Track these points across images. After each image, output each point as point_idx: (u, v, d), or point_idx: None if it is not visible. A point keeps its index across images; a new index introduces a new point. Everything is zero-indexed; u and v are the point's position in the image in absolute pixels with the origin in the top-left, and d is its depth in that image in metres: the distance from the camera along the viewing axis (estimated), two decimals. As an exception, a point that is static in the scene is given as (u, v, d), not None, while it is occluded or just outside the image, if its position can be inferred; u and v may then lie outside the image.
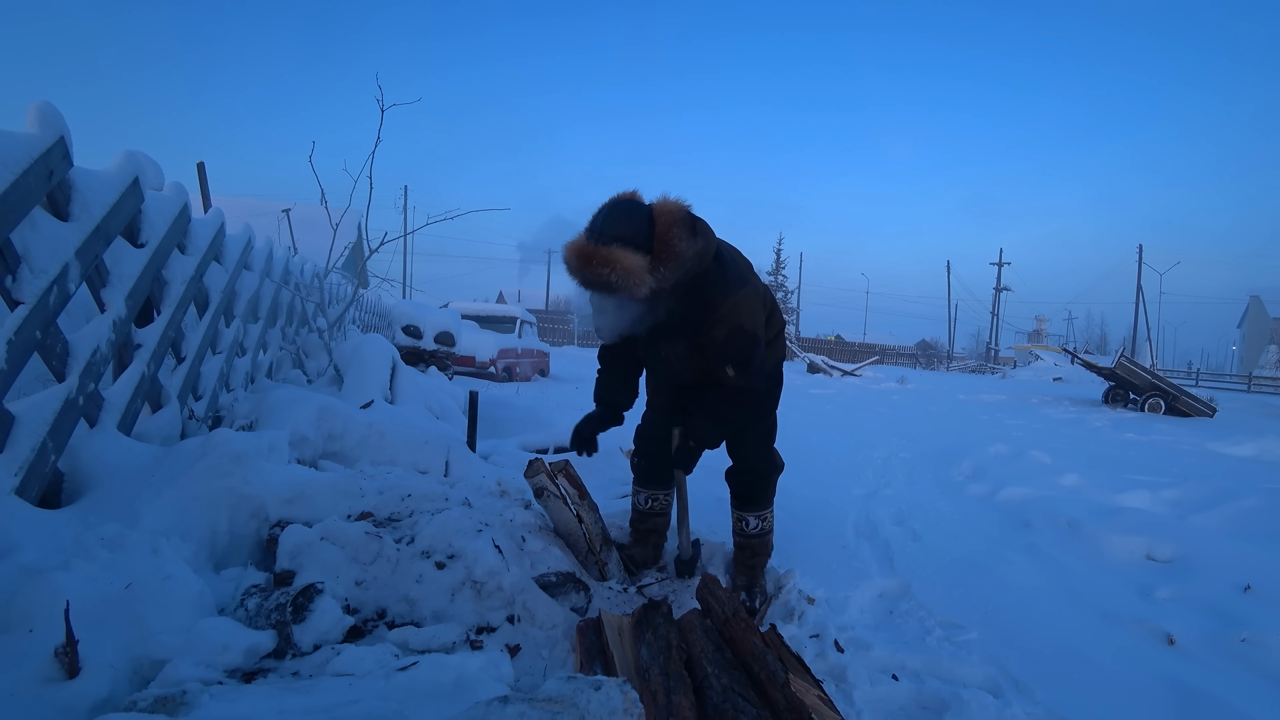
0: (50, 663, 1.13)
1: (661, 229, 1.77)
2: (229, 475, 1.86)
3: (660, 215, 1.79)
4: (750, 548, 2.22)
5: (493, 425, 4.60)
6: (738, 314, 1.88)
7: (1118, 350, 13.59)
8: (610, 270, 1.72)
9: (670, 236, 1.77)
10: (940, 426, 7.78)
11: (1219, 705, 1.63)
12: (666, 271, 1.78)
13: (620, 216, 1.77)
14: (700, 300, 1.89)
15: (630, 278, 1.73)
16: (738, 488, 2.24)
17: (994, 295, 43.81)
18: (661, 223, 1.78)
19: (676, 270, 1.80)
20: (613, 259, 1.71)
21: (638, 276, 1.73)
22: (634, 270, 1.73)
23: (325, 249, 4.12)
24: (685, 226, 1.81)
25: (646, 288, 1.76)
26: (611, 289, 1.75)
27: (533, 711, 0.93)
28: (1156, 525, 3.06)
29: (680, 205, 1.84)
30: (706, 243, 1.88)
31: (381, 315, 8.53)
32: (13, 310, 1.48)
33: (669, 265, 1.77)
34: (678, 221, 1.79)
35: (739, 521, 2.23)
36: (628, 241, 1.73)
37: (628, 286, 1.74)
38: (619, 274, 1.72)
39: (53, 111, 1.59)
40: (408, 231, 7.01)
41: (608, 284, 1.74)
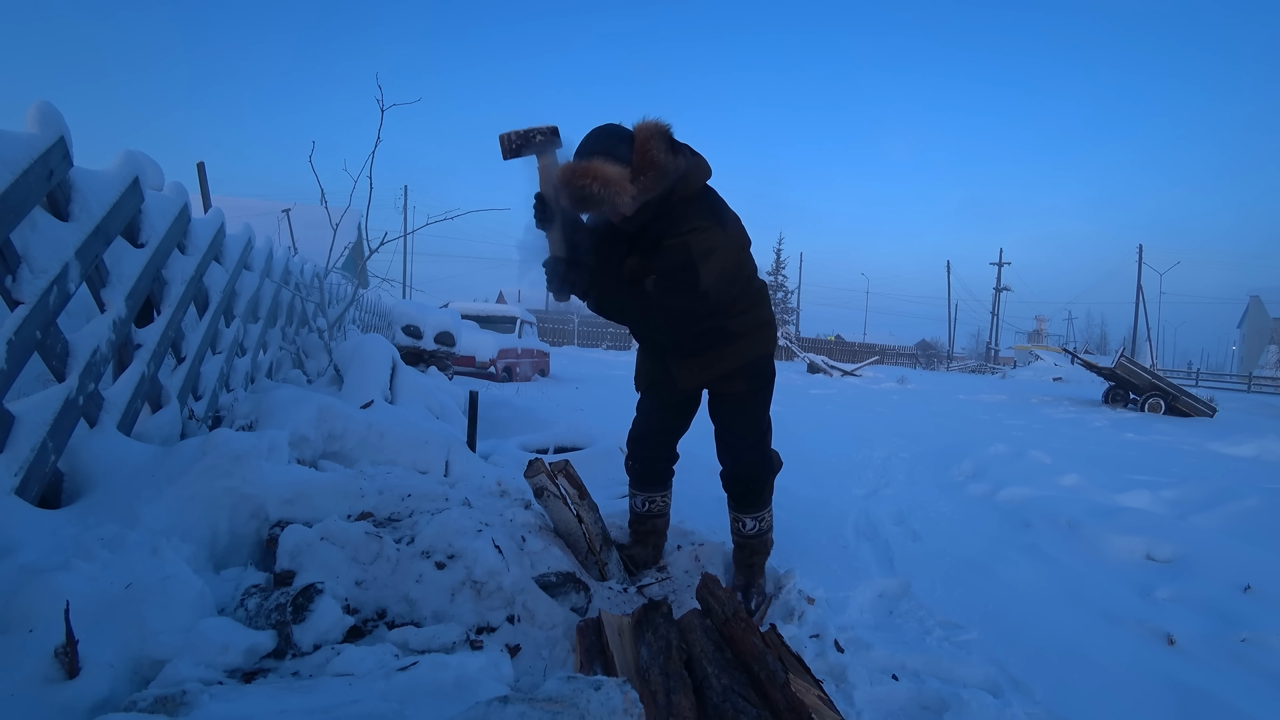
0: (50, 663, 1.13)
1: (640, 141, 1.80)
2: (229, 475, 1.85)
3: (639, 130, 1.83)
4: (749, 547, 2.22)
5: (493, 425, 4.61)
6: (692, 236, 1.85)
7: (1118, 350, 13.60)
8: (592, 180, 1.75)
9: (648, 147, 1.79)
10: (940, 426, 7.78)
11: (1219, 705, 1.63)
12: (646, 180, 1.80)
13: (600, 135, 1.83)
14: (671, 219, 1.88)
15: (612, 186, 1.76)
16: (733, 489, 2.22)
17: (994, 295, 43.83)
18: (640, 136, 1.82)
19: (658, 181, 1.81)
20: (593, 170, 1.75)
21: (619, 185, 1.76)
22: (614, 178, 1.76)
23: (325, 249, 4.12)
24: (664, 139, 1.83)
25: (628, 196, 1.79)
26: (596, 201, 1.78)
27: (533, 711, 0.93)
28: (1156, 525, 3.06)
29: (659, 122, 1.85)
30: (693, 165, 1.90)
31: (381, 315, 8.52)
32: (13, 310, 1.48)
33: (649, 175, 1.79)
34: (656, 134, 1.82)
35: (736, 523, 2.22)
36: (607, 155, 1.78)
37: (610, 197, 1.77)
38: (600, 183, 1.75)
39: (53, 111, 1.59)
40: (408, 231, 7.01)
41: (592, 195, 1.76)
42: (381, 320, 8.36)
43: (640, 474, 2.33)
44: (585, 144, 1.84)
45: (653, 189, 1.82)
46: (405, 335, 7.98)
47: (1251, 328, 39.69)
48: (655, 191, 1.83)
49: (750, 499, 2.20)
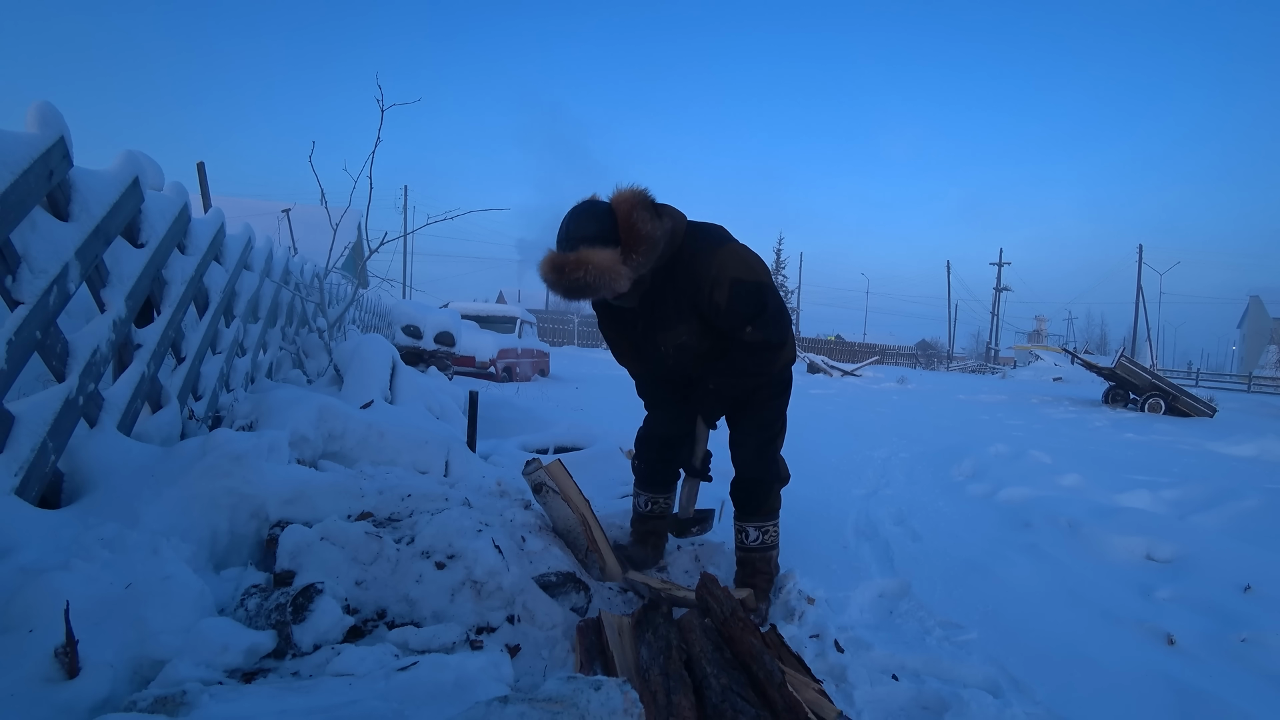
0: (50, 663, 1.13)
1: (623, 217, 1.77)
2: (229, 475, 1.85)
3: (619, 205, 1.79)
4: (750, 563, 2.13)
5: (493, 425, 4.61)
6: (727, 269, 1.84)
7: (1118, 350, 13.60)
8: (584, 272, 1.71)
9: (634, 221, 1.76)
10: (940, 426, 7.78)
11: (1219, 705, 1.63)
12: (639, 258, 1.77)
13: (581, 218, 1.79)
14: (686, 274, 1.86)
15: (605, 274, 1.72)
16: (737, 495, 2.18)
17: (994, 295, 43.84)
18: (622, 211, 1.78)
19: (650, 253, 1.79)
20: (584, 260, 1.71)
21: (612, 271, 1.73)
22: (607, 265, 1.72)
23: (325, 249, 4.12)
24: (646, 208, 1.80)
25: (624, 279, 1.76)
26: (591, 290, 1.74)
27: (533, 711, 0.93)
28: (1156, 525, 3.06)
29: (637, 190, 1.83)
30: (675, 221, 1.87)
31: (381, 315, 8.52)
32: (13, 310, 1.48)
33: (640, 250, 1.77)
34: (637, 205, 1.79)
35: (739, 533, 2.16)
36: (594, 240, 1.74)
37: (605, 283, 1.73)
38: (593, 273, 1.71)
39: (53, 111, 1.59)
40: (408, 231, 7.02)
41: (585, 286, 1.73)
42: (381, 320, 8.36)
43: (645, 474, 2.32)
44: (567, 230, 1.79)
45: (645, 263, 1.79)
46: (405, 335, 7.98)
47: (1251, 328, 39.68)
48: (648, 263, 1.80)
49: (754, 505, 2.14)
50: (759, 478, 2.15)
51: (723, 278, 1.84)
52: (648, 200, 1.83)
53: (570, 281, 1.74)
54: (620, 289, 1.78)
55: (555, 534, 2.10)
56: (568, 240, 1.77)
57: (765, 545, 2.14)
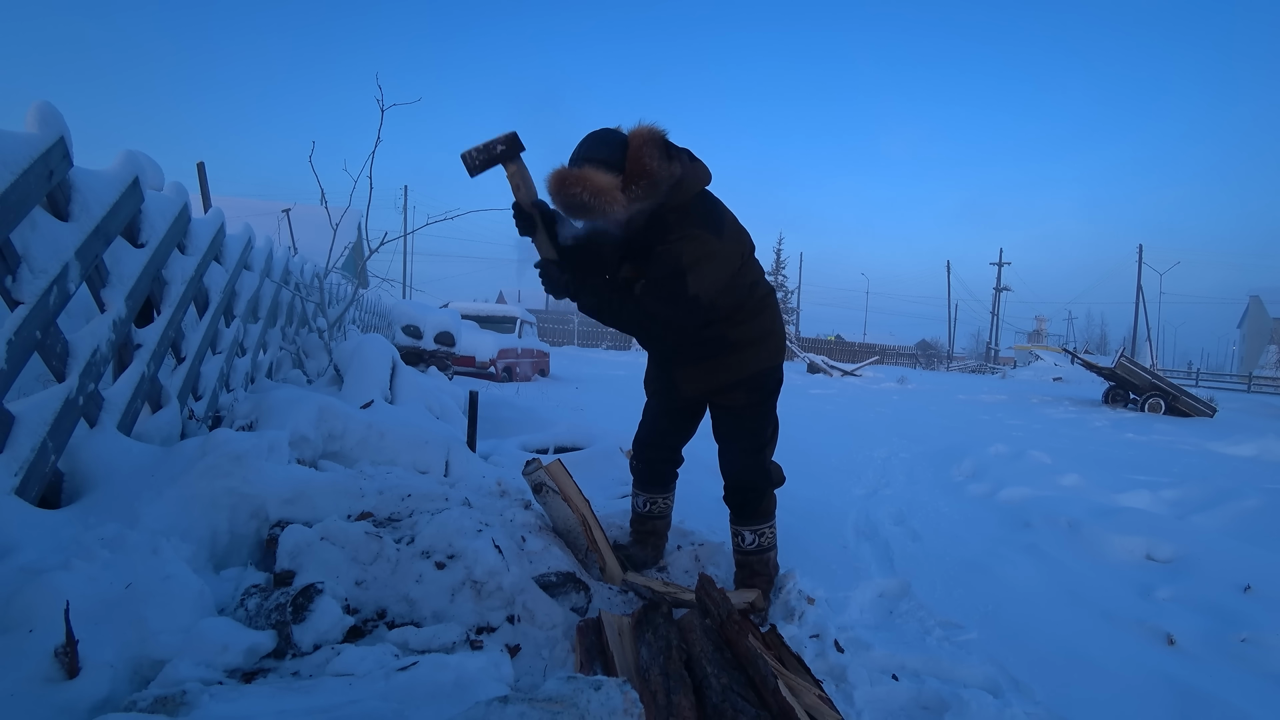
0: (50, 663, 1.13)
1: (634, 149, 1.79)
2: (229, 475, 1.85)
3: (633, 136, 1.82)
4: (749, 565, 2.13)
5: (493, 425, 4.61)
6: (683, 243, 1.81)
7: (1118, 350, 13.59)
8: (582, 189, 1.75)
9: (641, 155, 1.78)
10: (940, 426, 7.78)
11: (1219, 705, 1.63)
12: (638, 189, 1.78)
13: (593, 141, 1.83)
14: (661, 226, 1.85)
15: (602, 195, 1.75)
16: (732, 503, 2.17)
17: (994, 295, 43.83)
18: (633, 143, 1.80)
19: (649, 190, 1.79)
20: (584, 178, 1.75)
21: (609, 194, 1.76)
22: (605, 188, 1.75)
23: (325, 249, 4.12)
24: (658, 147, 1.81)
25: (619, 205, 1.78)
26: (587, 209, 1.77)
27: (533, 711, 0.93)
28: (1156, 525, 3.06)
29: (654, 128, 1.84)
30: (687, 172, 1.85)
31: (381, 315, 8.52)
32: (13, 310, 1.48)
33: (640, 184, 1.77)
34: (649, 141, 1.80)
35: (735, 537, 2.16)
36: (600, 162, 1.77)
37: (600, 205, 1.76)
38: (590, 192, 1.75)
39: (53, 111, 1.59)
40: (408, 231, 7.01)
41: (582, 204, 1.76)
42: (381, 320, 8.36)
43: (644, 474, 2.32)
44: (578, 149, 1.84)
45: (644, 198, 1.80)
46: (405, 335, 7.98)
47: (1251, 328, 39.68)
48: (647, 200, 1.81)
49: (748, 511, 2.13)
50: (751, 483, 2.13)
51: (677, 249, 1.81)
52: (660, 139, 1.83)
53: (568, 196, 1.77)
54: (615, 216, 1.80)
55: (555, 534, 2.10)
56: (575, 156, 1.82)
57: (762, 548, 2.13)
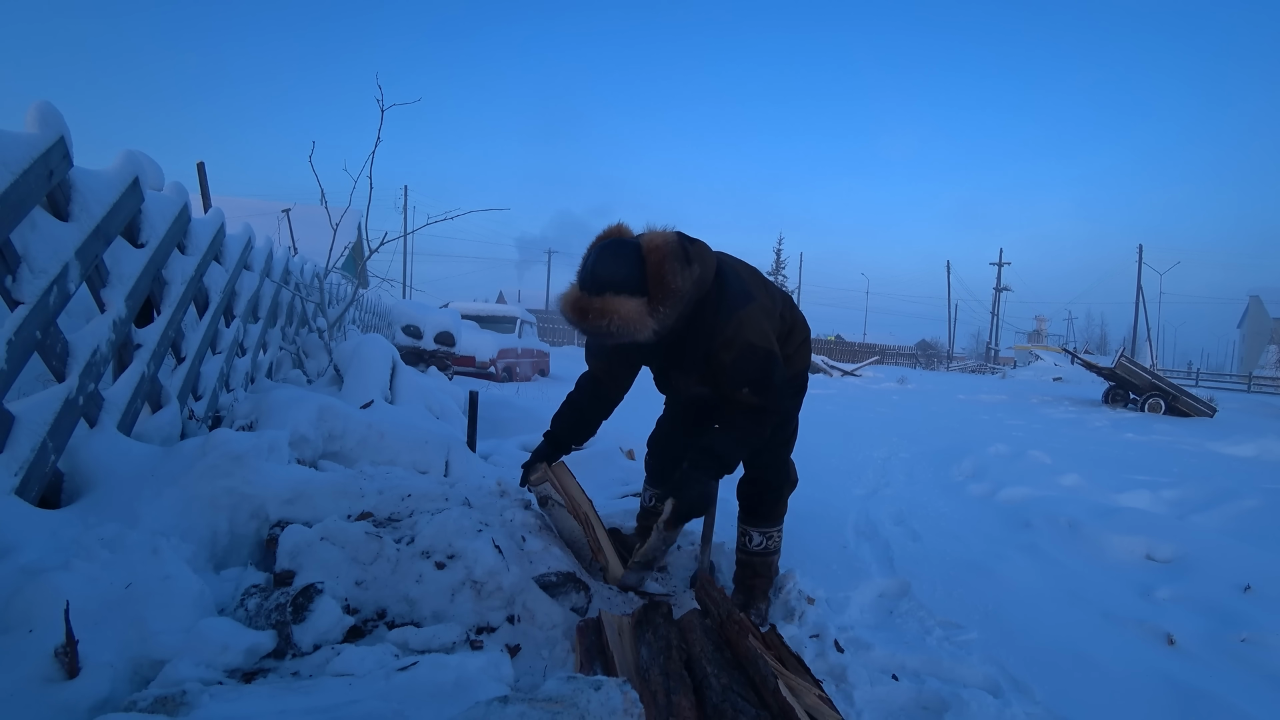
0: (50, 663, 1.13)
1: (653, 266, 1.69)
2: (229, 475, 1.85)
3: (650, 252, 1.70)
4: (751, 565, 2.12)
5: (493, 425, 4.61)
6: (744, 331, 1.78)
7: (1118, 350, 13.60)
8: (609, 320, 1.65)
9: (664, 273, 1.68)
10: (940, 426, 7.78)
11: (1219, 705, 1.63)
12: (666, 310, 1.69)
13: (609, 260, 1.69)
14: (704, 327, 1.80)
15: (630, 324, 1.65)
16: (744, 499, 2.15)
17: (994, 295, 43.85)
18: (652, 259, 1.69)
19: (677, 306, 1.71)
20: (609, 309, 1.64)
21: (638, 321, 1.66)
22: (633, 316, 1.65)
23: (325, 249, 4.12)
24: (678, 259, 1.72)
25: (649, 330, 1.69)
26: (614, 338, 1.68)
27: (533, 711, 0.93)
28: (1156, 525, 3.06)
29: (669, 236, 1.75)
30: (704, 267, 1.79)
31: (381, 315, 8.52)
32: (13, 310, 1.48)
33: (668, 303, 1.69)
34: (669, 255, 1.70)
35: (742, 536, 2.14)
36: (621, 287, 1.66)
37: (630, 333, 1.67)
38: (618, 323, 1.65)
39: (53, 111, 1.59)
40: (408, 231, 7.02)
41: (609, 334, 1.67)
42: (381, 320, 8.36)
43: (654, 469, 2.34)
44: (594, 271, 1.69)
45: (671, 316, 1.71)
46: (405, 335, 7.99)
47: (1251, 328, 39.67)
48: (674, 317, 1.72)
49: (762, 511, 2.11)
50: (771, 481, 2.12)
51: (736, 340, 1.78)
52: (680, 250, 1.73)
53: (593, 327, 1.67)
54: (643, 339, 1.71)
55: (561, 541, 2.09)
56: (593, 281, 1.68)
57: (768, 550, 2.12)
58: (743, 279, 1.90)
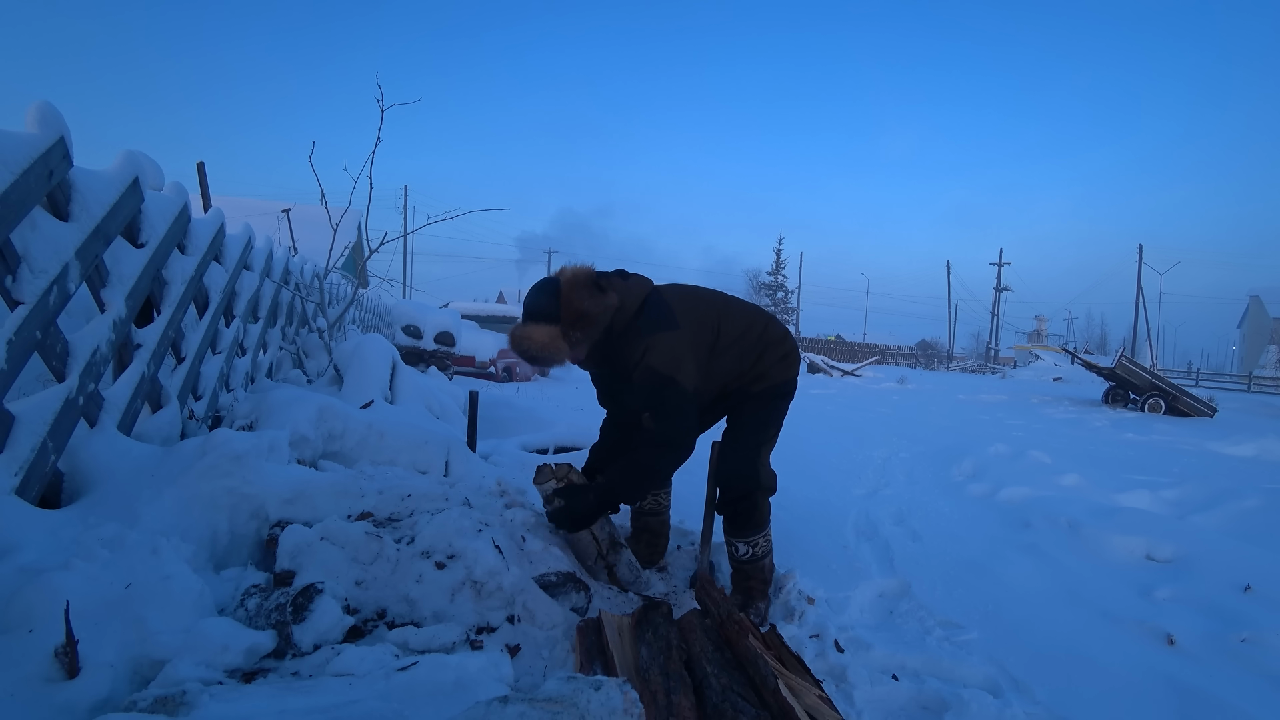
0: (50, 663, 1.13)
1: (564, 296, 1.89)
2: (229, 475, 1.85)
3: (564, 284, 1.92)
4: (743, 572, 2.13)
5: (493, 425, 4.60)
6: (648, 356, 1.92)
7: (1118, 350, 13.59)
8: (529, 344, 1.89)
9: (573, 300, 1.89)
10: (940, 426, 7.78)
11: (1219, 705, 1.63)
12: (579, 333, 1.90)
13: (533, 294, 1.95)
14: (622, 352, 1.96)
15: (546, 348, 1.88)
16: (724, 510, 2.15)
17: (994, 295, 43.85)
18: (563, 290, 1.90)
19: (590, 329, 1.91)
20: (528, 334, 1.90)
21: (552, 345, 1.88)
22: (545, 340, 1.88)
23: (325, 249, 4.12)
24: (587, 287, 1.92)
25: (564, 353, 1.91)
26: (538, 360, 1.91)
27: (533, 711, 0.93)
28: (1156, 525, 3.06)
29: (583, 268, 1.97)
30: (624, 296, 1.96)
31: (381, 315, 8.52)
32: (13, 310, 1.48)
33: (579, 326, 1.89)
34: (579, 285, 1.91)
35: (729, 547, 2.15)
36: (539, 316, 1.90)
37: (547, 356, 1.89)
38: (535, 346, 1.88)
39: (53, 112, 1.59)
40: (408, 231, 7.02)
41: (531, 356, 1.90)
42: (381, 320, 8.36)
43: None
44: (524, 304, 1.96)
45: (587, 338, 1.92)
46: (405, 335, 7.98)
47: (1251, 328, 39.68)
48: (591, 338, 1.93)
49: (740, 521, 2.11)
50: (746, 491, 2.10)
51: (643, 364, 1.93)
52: (588, 278, 1.95)
53: (521, 352, 1.93)
54: (559, 361, 1.93)
55: (565, 543, 2.09)
56: (523, 313, 1.96)
57: (756, 557, 2.12)
58: (669, 309, 2.01)
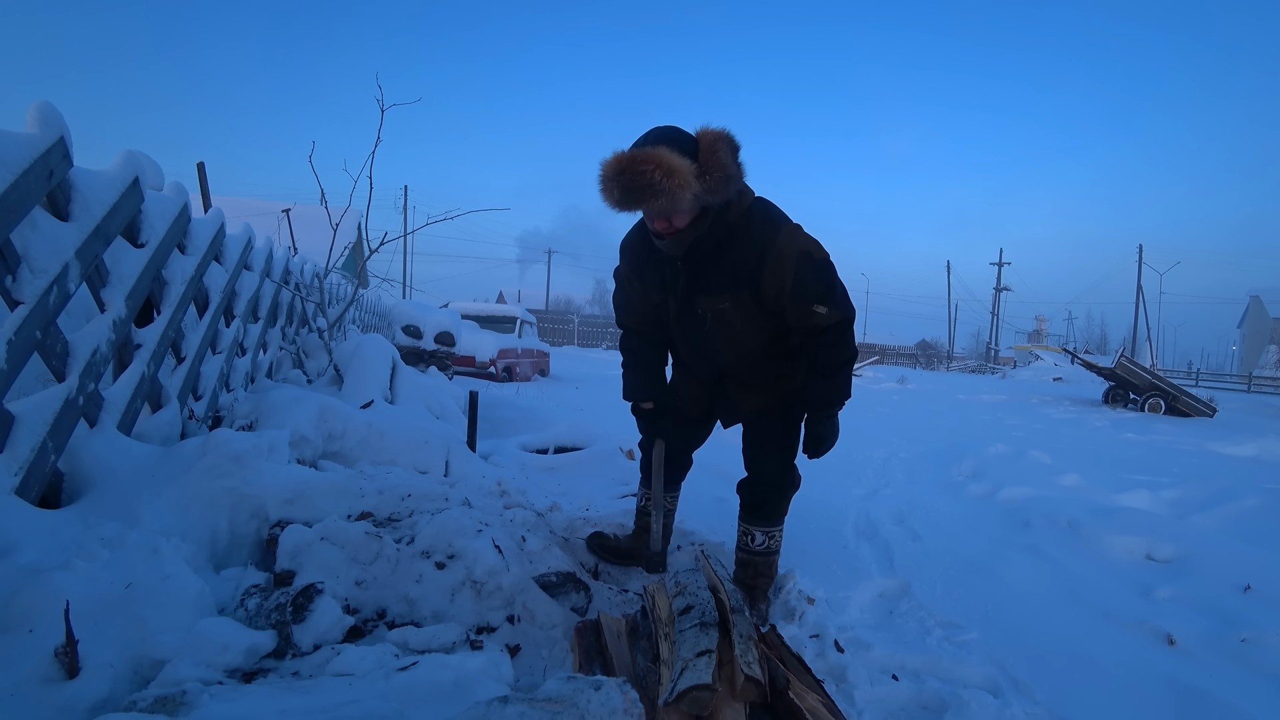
0: (50, 663, 1.13)
1: (706, 143, 1.69)
2: (229, 475, 1.85)
3: (703, 133, 1.72)
4: (753, 565, 2.10)
5: (493, 425, 4.61)
6: (797, 243, 1.75)
7: (1118, 350, 13.59)
8: (655, 167, 1.58)
9: (716, 149, 1.67)
10: (940, 426, 7.78)
11: (1219, 705, 1.63)
12: (712, 181, 1.66)
13: (662, 128, 1.71)
14: (746, 242, 1.77)
15: (675, 177, 1.59)
16: (749, 498, 2.10)
17: (994, 295, 43.85)
18: (705, 138, 1.70)
19: (721, 187, 1.68)
20: (657, 156, 1.59)
21: (683, 177, 1.60)
22: (680, 170, 1.60)
23: (325, 249, 4.12)
24: (729, 145, 1.72)
25: (691, 194, 1.63)
26: (654, 191, 1.60)
27: (533, 711, 0.93)
28: (1156, 525, 3.06)
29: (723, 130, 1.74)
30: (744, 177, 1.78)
31: (381, 315, 8.52)
32: (13, 310, 1.48)
33: (715, 175, 1.65)
34: (721, 139, 1.70)
35: (745, 535, 2.11)
36: (672, 143, 1.63)
37: (669, 189, 1.60)
38: (664, 171, 1.58)
39: (53, 111, 1.59)
40: (408, 231, 7.02)
41: (651, 184, 1.59)
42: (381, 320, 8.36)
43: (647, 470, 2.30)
44: (646, 136, 1.70)
45: (715, 193, 1.68)
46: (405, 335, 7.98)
47: (1251, 328, 39.68)
48: (717, 197, 1.70)
49: (766, 510, 2.08)
50: (777, 483, 2.09)
51: (790, 250, 1.75)
52: (731, 139, 1.74)
53: (633, 178, 1.60)
54: (681, 205, 1.66)
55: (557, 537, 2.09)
56: (644, 139, 1.68)
57: (770, 550, 2.11)
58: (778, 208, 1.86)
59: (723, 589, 1.49)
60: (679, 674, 1.23)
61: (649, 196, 1.62)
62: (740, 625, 1.38)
